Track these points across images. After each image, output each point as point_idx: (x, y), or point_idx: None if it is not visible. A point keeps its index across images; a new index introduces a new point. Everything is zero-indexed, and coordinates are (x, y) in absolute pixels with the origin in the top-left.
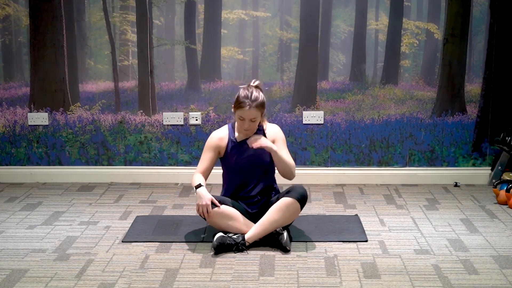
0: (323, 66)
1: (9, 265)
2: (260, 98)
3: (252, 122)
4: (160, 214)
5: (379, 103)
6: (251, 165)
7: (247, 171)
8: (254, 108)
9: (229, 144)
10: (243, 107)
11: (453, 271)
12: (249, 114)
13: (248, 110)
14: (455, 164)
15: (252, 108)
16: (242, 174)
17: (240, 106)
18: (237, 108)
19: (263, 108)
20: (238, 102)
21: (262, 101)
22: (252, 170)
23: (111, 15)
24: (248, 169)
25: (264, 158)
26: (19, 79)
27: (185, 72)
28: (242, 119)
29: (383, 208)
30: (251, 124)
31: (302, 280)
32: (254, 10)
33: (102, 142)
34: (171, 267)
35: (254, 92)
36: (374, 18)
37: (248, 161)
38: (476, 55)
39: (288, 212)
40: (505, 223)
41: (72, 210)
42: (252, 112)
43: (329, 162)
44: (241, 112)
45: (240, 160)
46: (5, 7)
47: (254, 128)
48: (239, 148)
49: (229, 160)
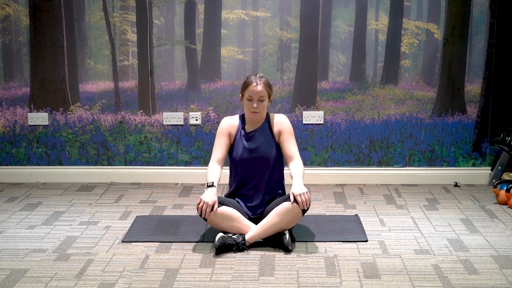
0: (323, 66)
1: (9, 265)
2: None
3: (260, 102)
4: (160, 214)
5: (379, 103)
6: (255, 159)
7: (251, 164)
8: (262, 85)
9: (238, 133)
10: (251, 83)
11: (453, 271)
12: (258, 92)
13: (255, 86)
14: (455, 164)
15: (259, 85)
16: (245, 168)
17: (248, 84)
18: (245, 89)
19: (271, 90)
20: (245, 83)
21: (268, 81)
22: (256, 164)
23: (111, 15)
24: (252, 163)
25: (269, 154)
26: (19, 79)
27: (185, 72)
28: (250, 99)
29: (383, 208)
30: (260, 105)
31: (302, 280)
32: (254, 10)
33: (102, 142)
34: (171, 267)
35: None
36: (374, 18)
37: (252, 155)
38: (476, 55)
39: (288, 216)
40: (505, 223)
41: (72, 210)
42: (260, 89)
43: (329, 162)
44: (250, 91)
45: (245, 152)
46: (5, 7)
47: (262, 111)
48: (247, 140)
49: (235, 150)
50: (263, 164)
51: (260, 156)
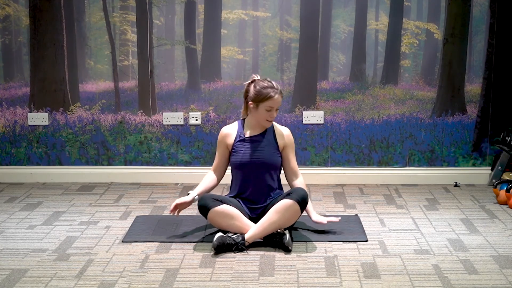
0: (323, 66)
1: (9, 265)
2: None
3: (276, 111)
4: (160, 214)
5: (379, 103)
6: (257, 164)
7: (251, 169)
8: (280, 93)
9: (236, 140)
10: (273, 96)
11: (453, 271)
12: (278, 102)
13: (277, 97)
14: (455, 164)
15: (279, 95)
16: (246, 172)
17: (269, 97)
18: (264, 100)
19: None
20: (263, 94)
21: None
22: (257, 169)
23: (111, 15)
24: (253, 168)
25: (273, 160)
26: (19, 79)
27: (185, 72)
28: (270, 109)
29: (383, 208)
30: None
31: (302, 280)
32: (254, 10)
33: (102, 142)
34: (171, 267)
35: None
36: (374, 18)
37: (253, 159)
38: (476, 55)
39: (287, 214)
40: (505, 223)
41: (72, 210)
42: (280, 98)
43: (329, 162)
44: (271, 102)
45: (246, 157)
46: (5, 7)
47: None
48: (248, 144)
49: (234, 156)
50: (264, 169)
51: (263, 160)
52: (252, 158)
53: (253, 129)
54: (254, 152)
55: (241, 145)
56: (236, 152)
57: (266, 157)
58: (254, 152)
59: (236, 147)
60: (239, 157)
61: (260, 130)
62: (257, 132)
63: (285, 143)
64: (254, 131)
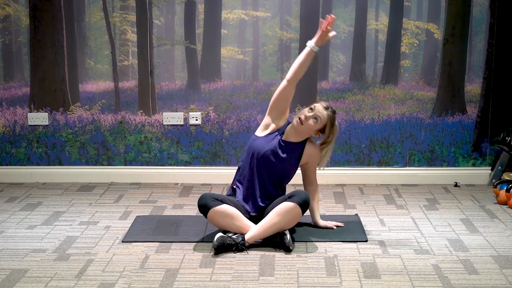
0: (323, 66)
1: (9, 265)
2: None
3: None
4: (160, 214)
5: (379, 103)
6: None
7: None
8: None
9: (275, 132)
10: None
11: (453, 271)
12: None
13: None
14: (455, 164)
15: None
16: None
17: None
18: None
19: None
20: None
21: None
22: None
23: (111, 15)
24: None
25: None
26: (19, 79)
27: (185, 72)
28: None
29: (383, 208)
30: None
31: (302, 280)
32: (254, 10)
33: (102, 142)
34: (171, 267)
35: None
36: (374, 18)
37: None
38: (476, 55)
39: (288, 216)
40: (505, 223)
41: (72, 210)
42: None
43: (329, 162)
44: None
45: (270, 152)
46: (5, 7)
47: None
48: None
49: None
50: (275, 174)
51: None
52: (271, 157)
53: (290, 135)
54: (277, 154)
55: (271, 139)
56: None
57: (284, 166)
58: (277, 154)
59: (269, 135)
60: (259, 144)
61: (294, 138)
62: (291, 140)
63: (310, 158)
64: (290, 138)
